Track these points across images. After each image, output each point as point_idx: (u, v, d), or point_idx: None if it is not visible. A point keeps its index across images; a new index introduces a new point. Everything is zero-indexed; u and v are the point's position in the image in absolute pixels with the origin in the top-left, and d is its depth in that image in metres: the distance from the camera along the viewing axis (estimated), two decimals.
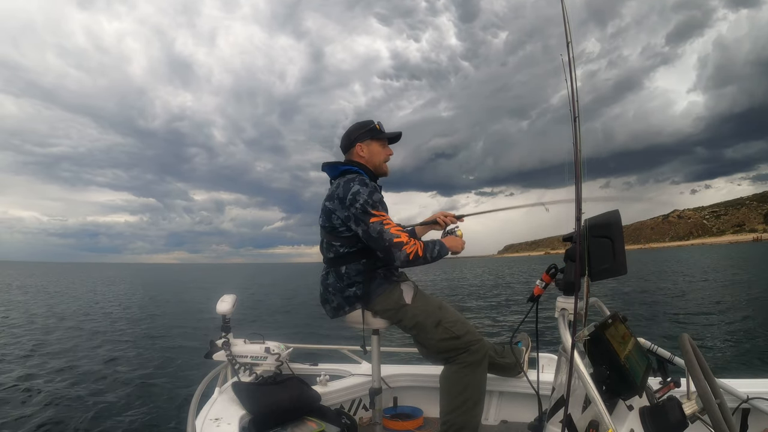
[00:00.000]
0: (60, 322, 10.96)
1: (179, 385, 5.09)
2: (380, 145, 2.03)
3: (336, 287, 1.93)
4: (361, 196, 1.81)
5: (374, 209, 1.80)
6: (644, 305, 11.54)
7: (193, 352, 6.80)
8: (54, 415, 4.15)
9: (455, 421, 1.79)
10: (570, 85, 1.10)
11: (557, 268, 1.42)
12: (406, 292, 1.90)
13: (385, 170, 2.06)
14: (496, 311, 12.06)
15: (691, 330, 7.93)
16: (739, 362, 5.84)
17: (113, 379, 5.49)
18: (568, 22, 1.11)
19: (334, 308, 1.97)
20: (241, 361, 2.18)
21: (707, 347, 6.50)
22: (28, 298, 18.32)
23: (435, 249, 1.87)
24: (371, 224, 1.78)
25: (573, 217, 1.12)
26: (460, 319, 1.89)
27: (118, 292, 22.85)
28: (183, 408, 2.09)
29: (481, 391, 1.84)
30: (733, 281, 17.50)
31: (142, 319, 11.64)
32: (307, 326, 9.64)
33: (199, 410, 1.84)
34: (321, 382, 2.31)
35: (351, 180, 1.87)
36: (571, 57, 1.09)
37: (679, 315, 9.89)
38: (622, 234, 1.22)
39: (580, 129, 1.10)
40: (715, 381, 1.26)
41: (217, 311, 2.21)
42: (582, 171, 1.08)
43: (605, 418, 1.02)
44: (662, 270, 27.65)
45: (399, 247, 1.76)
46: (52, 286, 27.99)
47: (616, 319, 1.37)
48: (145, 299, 18.53)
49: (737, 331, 7.75)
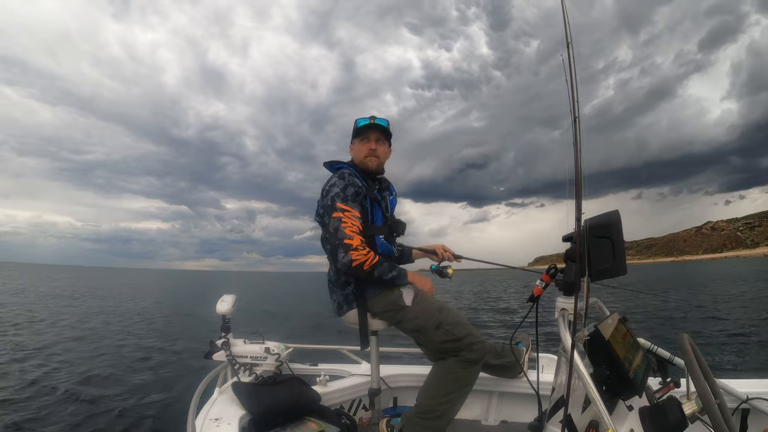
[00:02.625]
0: (65, 323, 10.95)
1: (179, 385, 5.09)
2: (359, 142, 2.01)
3: (336, 283, 1.96)
4: (334, 189, 1.82)
5: (343, 203, 1.79)
6: (645, 307, 11.54)
7: (193, 352, 6.81)
8: (54, 415, 4.15)
9: (436, 409, 1.80)
10: (570, 86, 1.10)
11: (557, 269, 1.42)
12: (406, 295, 1.89)
13: (367, 165, 1.98)
14: (496, 312, 12.05)
15: (691, 330, 7.93)
16: (739, 362, 5.85)
17: (113, 378, 5.49)
18: (569, 23, 1.11)
19: (338, 305, 1.98)
20: (241, 361, 2.18)
21: (707, 347, 6.50)
22: (36, 300, 18.32)
23: (389, 273, 1.80)
24: (332, 219, 1.78)
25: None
26: (461, 321, 1.88)
27: (137, 296, 22.76)
28: (183, 408, 2.09)
29: (467, 389, 1.85)
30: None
31: (153, 322, 11.64)
32: (307, 326, 9.65)
33: (199, 410, 1.84)
34: (321, 382, 2.31)
35: (334, 174, 1.91)
36: (571, 57, 1.09)
37: (680, 315, 9.89)
38: (622, 234, 1.22)
39: (580, 130, 1.10)
40: (715, 381, 1.26)
41: (217, 311, 2.21)
42: (581, 173, 1.08)
43: (605, 418, 1.02)
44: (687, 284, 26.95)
45: (346, 249, 1.72)
46: (69, 289, 27.92)
47: (616, 320, 1.37)
48: (160, 304, 18.50)
49: (737, 331, 7.75)
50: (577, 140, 1.09)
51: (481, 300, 18.75)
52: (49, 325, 10.32)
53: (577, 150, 1.09)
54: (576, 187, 1.07)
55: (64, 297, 20.56)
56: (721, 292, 18.48)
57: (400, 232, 2.08)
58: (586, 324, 1.26)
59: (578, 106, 1.10)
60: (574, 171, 1.08)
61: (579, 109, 1.10)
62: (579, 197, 1.08)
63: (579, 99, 1.09)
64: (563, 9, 1.12)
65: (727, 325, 8.41)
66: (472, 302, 17.50)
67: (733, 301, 13.86)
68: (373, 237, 1.91)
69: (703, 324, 8.67)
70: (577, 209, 1.09)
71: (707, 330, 8.02)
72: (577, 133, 1.10)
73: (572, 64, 1.09)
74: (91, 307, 15.62)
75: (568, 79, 1.10)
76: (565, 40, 1.10)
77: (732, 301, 14.15)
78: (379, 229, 1.95)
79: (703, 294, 17.81)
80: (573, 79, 1.09)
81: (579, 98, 1.09)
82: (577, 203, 1.09)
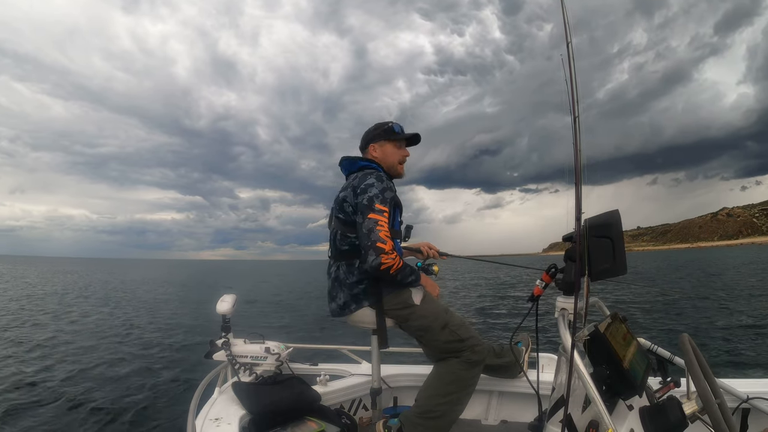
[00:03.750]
0: (67, 318, 10.95)
1: (179, 385, 5.09)
2: (394, 146, 2.04)
3: (345, 282, 1.92)
4: (373, 189, 1.82)
5: (381, 204, 1.79)
6: (645, 306, 11.55)
7: (193, 352, 6.82)
8: (53, 415, 4.15)
9: (436, 409, 1.80)
10: (570, 85, 1.10)
11: (557, 268, 1.42)
12: (415, 294, 1.90)
13: (398, 171, 2.06)
14: (497, 312, 12.06)
15: (691, 330, 7.93)
16: (739, 362, 5.85)
17: (113, 378, 5.49)
18: (568, 21, 1.11)
19: (340, 306, 1.94)
20: (241, 361, 2.17)
21: (707, 347, 6.50)
22: (43, 294, 18.36)
23: (409, 277, 1.85)
24: (368, 219, 1.78)
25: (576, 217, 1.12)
26: (464, 323, 1.92)
27: (144, 289, 22.73)
28: (183, 408, 2.11)
29: (469, 390, 1.86)
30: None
31: (155, 316, 11.64)
32: (307, 326, 9.65)
33: (199, 410, 1.84)
34: (321, 382, 2.31)
35: (369, 174, 1.90)
36: (570, 56, 1.09)
37: (679, 315, 9.89)
38: (622, 234, 1.22)
39: (579, 129, 1.10)
40: (715, 381, 1.27)
41: (217, 311, 2.21)
42: (582, 171, 1.08)
43: (605, 418, 1.02)
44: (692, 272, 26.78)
45: (377, 253, 1.74)
46: (81, 282, 27.88)
47: (616, 319, 1.37)
48: (168, 295, 18.51)
49: (737, 331, 7.75)
50: (577, 140, 1.09)
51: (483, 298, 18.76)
52: (52, 319, 10.36)
53: (577, 150, 1.09)
54: (576, 187, 1.07)
55: (72, 291, 20.60)
56: (732, 282, 18.28)
57: (408, 237, 2.10)
58: (586, 324, 1.26)
59: (578, 106, 1.10)
60: (574, 171, 1.08)
61: (579, 109, 1.10)
62: (579, 197, 1.08)
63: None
64: (563, 8, 1.12)
65: (727, 324, 8.41)
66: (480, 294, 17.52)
67: (745, 293, 13.78)
68: (394, 241, 1.90)
69: (703, 324, 8.66)
70: (577, 209, 1.10)
71: (708, 329, 8.02)
72: (577, 133, 1.10)
73: (572, 64, 1.09)
74: (98, 300, 15.70)
75: (567, 80, 1.10)
76: (565, 39, 1.10)
77: (744, 292, 14.08)
78: (397, 233, 1.97)
79: (713, 284, 17.65)
80: (573, 79, 1.10)
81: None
82: (577, 203, 1.09)
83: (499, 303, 13.82)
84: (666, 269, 32.12)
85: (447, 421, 1.82)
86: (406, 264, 1.85)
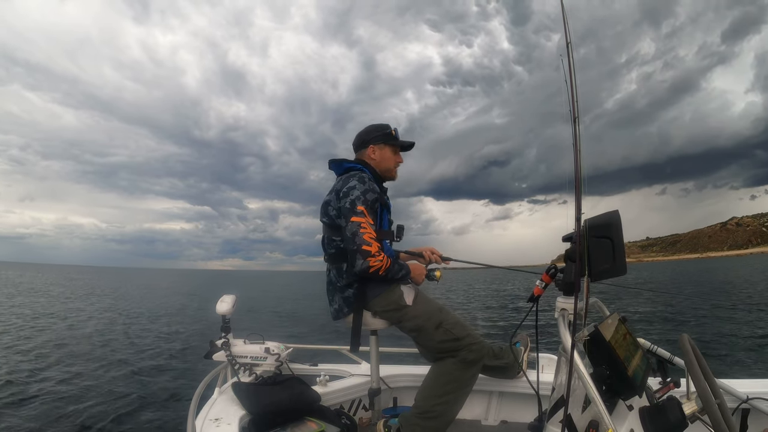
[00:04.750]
0: (70, 321, 10.95)
1: (179, 385, 5.09)
2: (392, 151, 2.05)
3: (337, 286, 1.95)
4: (355, 192, 1.82)
5: (363, 206, 1.79)
6: (646, 306, 11.55)
7: (193, 352, 6.81)
8: (53, 416, 4.14)
9: (433, 409, 1.80)
10: (570, 87, 1.11)
11: (557, 269, 1.42)
12: (407, 294, 1.89)
13: (393, 175, 2.08)
14: (498, 312, 12.04)
15: (691, 330, 7.93)
16: (739, 362, 5.85)
17: (113, 378, 5.48)
18: (568, 23, 1.11)
19: (336, 310, 1.97)
20: (240, 361, 2.17)
21: (707, 347, 6.51)
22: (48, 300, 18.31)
23: (399, 272, 1.86)
24: (351, 222, 1.79)
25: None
26: (460, 321, 1.90)
27: (149, 296, 22.74)
28: (183, 408, 2.10)
29: (466, 390, 1.85)
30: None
31: (155, 321, 11.63)
32: (307, 326, 9.64)
33: (199, 410, 1.84)
34: (321, 382, 2.31)
35: (352, 176, 1.90)
36: (570, 58, 1.09)
37: (679, 315, 9.89)
38: (621, 234, 1.22)
39: (579, 130, 1.10)
40: (715, 381, 1.27)
41: (217, 311, 2.21)
42: (582, 172, 1.08)
43: (605, 418, 1.02)
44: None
45: (364, 256, 1.75)
46: (86, 289, 27.83)
47: (616, 320, 1.37)
48: (171, 303, 18.47)
49: (737, 332, 7.75)
50: (577, 141, 1.10)
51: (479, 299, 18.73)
52: (54, 322, 10.33)
53: (577, 150, 1.09)
54: (576, 186, 1.07)
55: (78, 297, 20.56)
56: (739, 291, 18.27)
57: (401, 236, 2.09)
58: (586, 324, 1.26)
59: (578, 107, 1.11)
60: (574, 171, 1.08)
61: (579, 110, 1.11)
62: (579, 197, 1.08)
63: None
64: (563, 12, 1.12)
65: (727, 325, 8.41)
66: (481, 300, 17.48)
67: (747, 300, 13.75)
68: (381, 241, 1.91)
69: (703, 324, 8.67)
70: (577, 209, 1.10)
71: (707, 330, 8.02)
72: (577, 134, 1.10)
73: (572, 66, 1.09)
74: (102, 307, 15.64)
75: (567, 81, 1.10)
76: (565, 41, 1.10)
77: (747, 299, 14.06)
78: (387, 233, 1.97)
79: (718, 292, 17.64)
80: (572, 81, 1.10)
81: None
82: (577, 203, 1.09)
83: (503, 313, 13.74)
84: (668, 279, 31.73)
85: (444, 421, 1.81)
86: (395, 261, 1.86)
